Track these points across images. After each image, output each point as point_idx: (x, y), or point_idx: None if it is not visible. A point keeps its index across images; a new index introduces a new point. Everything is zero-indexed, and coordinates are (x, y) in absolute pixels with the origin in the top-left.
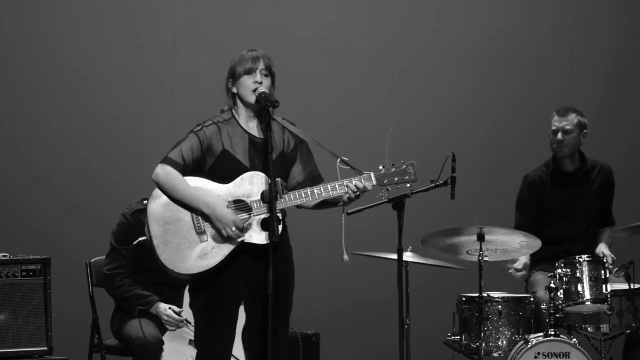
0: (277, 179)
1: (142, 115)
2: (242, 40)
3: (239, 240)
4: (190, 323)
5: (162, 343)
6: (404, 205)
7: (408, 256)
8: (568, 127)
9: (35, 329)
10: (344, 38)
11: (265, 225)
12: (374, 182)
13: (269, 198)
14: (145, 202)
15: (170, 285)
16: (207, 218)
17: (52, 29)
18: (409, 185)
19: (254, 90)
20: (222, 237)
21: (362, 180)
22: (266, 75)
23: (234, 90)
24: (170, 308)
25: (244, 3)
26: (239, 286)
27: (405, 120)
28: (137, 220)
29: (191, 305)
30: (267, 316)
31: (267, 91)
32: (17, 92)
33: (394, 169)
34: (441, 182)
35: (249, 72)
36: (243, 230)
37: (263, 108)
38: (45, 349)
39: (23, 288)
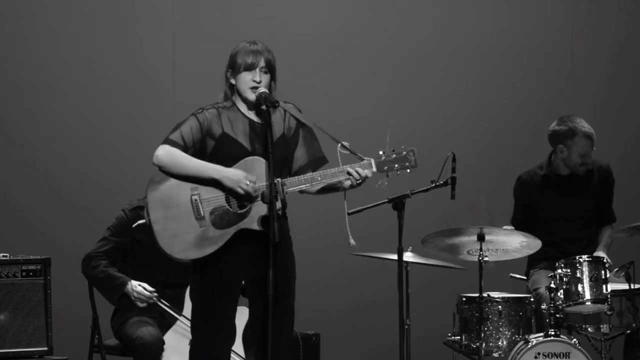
0: (277, 179)
1: (142, 115)
2: (242, 39)
3: (256, 194)
4: (167, 305)
5: (163, 342)
6: (404, 205)
7: (408, 256)
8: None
9: (35, 328)
10: (343, 37)
11: (265, 223)
12: (374, 169)
13: (269, 198)
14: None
15: (168, 283)
16: (218, 183)
17: (52, 28)
18: (409, 170)
19: (252, 88)
20: (222, 220)
21: (362, 167)
22: (265, 72)
23: (232, 81)
24: (140, 285)
25: (244, 2)
26: (237, 275)
27: (405, 120)
28: (136, 216)
29: (190, 294)
30: (267, 316)
31: (267, 90)
32: (17, 92)
33: (394, 155)
34: (441, 182)
35: (249, 68)
36: (256, 184)
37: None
38: (45, 349)
39: (23, 288)
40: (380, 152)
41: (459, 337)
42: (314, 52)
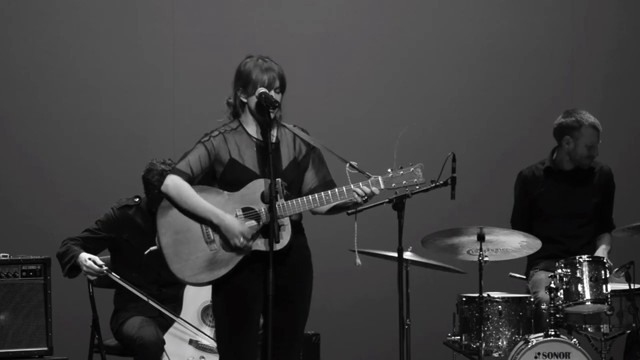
0: (277, 179)
1: (142, 115)
2: (242, 39)
3: (246, 250)
4: (115, 275)
5: (163, 343)
6: (404, 205)
7: (408, 256)
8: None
9: (35, 329)
10: (343, 38)
11: (266, 229)
12: (382, 186)
13: (269, 198)
14: (137, 199)
15: (163, 281)
16: (215, 228)
17: (53, 27)
18: (417, 187)
19: None
20: (230, 247)
21: (370, 184)
22: (278, 92)
23: (244, 99)
24: (90, 259)
25: (244, 2)
26: (256, 290)
27: (405, 120)
28: (123, 215)
29: (213, 311)
30: (267, 316)
31: (266, 91)
32: (17, 92)
33: (402, 172)
34: (441, 182)
35: (266, 88)
36: (251, 239)
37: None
38: (45, 349)
39: (23, 288)
40: (389, 170)
41: (459, 337)
42: (314, 51)
